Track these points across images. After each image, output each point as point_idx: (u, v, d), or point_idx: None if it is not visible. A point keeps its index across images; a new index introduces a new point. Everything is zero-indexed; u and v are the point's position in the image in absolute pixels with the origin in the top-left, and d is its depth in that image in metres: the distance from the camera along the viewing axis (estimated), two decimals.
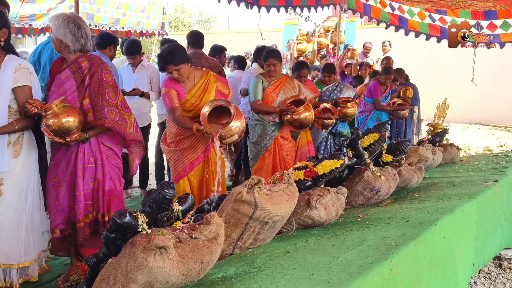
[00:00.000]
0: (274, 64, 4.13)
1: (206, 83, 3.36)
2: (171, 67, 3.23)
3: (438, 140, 5.16)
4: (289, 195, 2.40)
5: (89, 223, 2.79)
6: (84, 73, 2.68)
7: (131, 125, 2.85)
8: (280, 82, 4.23)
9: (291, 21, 14.30)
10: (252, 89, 4.19)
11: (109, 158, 2.83)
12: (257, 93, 4.17)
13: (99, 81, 2.69)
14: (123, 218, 1.75)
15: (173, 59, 3.22)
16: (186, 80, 3.33)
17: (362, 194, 3.17)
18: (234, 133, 3.12)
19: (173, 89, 3.31)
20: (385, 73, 5.96)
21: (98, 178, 2.79)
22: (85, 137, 2.68)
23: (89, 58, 2.73)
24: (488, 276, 3.35)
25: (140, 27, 9.61)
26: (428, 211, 2.61)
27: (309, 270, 1.84)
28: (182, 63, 3.24)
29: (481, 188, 3.19)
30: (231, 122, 3.09)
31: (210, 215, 1.90)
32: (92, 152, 2.76)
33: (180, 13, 26.05)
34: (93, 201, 2.80)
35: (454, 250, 2.57)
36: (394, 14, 6.25)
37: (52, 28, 2.68)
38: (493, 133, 11.04)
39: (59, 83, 2.70)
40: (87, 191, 2.76)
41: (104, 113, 2.67)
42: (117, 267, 1.71)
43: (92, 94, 2.68)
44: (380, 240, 2.14)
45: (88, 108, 2.69)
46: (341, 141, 3.44)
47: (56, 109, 2.53)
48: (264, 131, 4.21)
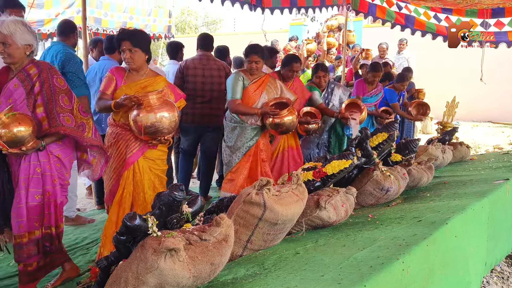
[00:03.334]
0: (256, 61, 3.73)
1: (150, 83, 3.00)
2: (127, 44, 2.88)
3: (448, 138, 5.14)
4: (298, 196, 2.39)
5: (35, 240, 2.58)
6: (33, 80, 2.52)
7: (89, 130, 2.69)
8: (262, 81, 3.82)
9: (297, 21, 14.32)
10: (231, 86, 3.74)
11: (57, 171, 2.64)
12: (236, 91, 3.72)
13: (51, 88, 2.54)
14: (133, 220, 1.75)
15: (133, 37, 2.91)
16: (135, 72, 3.00)
17: (371, 194, 3.15)
18: (153, 115, 2.77)
19: (115, 76, 2.98)
20: (372, 71, 5.38)
21: (48, 191, 2.59)
22: (42, 145, 2.52)
23: (37, 65, 2.58)
24: (501, 276, 3.31)
25: (147, 30, 9.65)
26: (439, 211, 2.59)
27: (320, 271, 1.83)
28: (140, 48, 2.92)
29: (492, 187, 3.16)
30: (153, 96, 2.78)
31: (220, 216, 1.90)
32: (40, 162, 2.56)
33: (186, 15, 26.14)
34: (42, 216, 2.59)
35: (465, 249, 2.54)
36: (400, 13, 6.23)
37: (15, 35, 2.45)
38: (503, 131, 10.92)
39: (7, 93, 2.54)
40: (32, 204, 2.54)
41: (59, 120, 2.52)
42: (128, 270, 1.71)
43: (46, 101, 2.52)
44: (391, 240, 2.13)
45: (42, 116, 2.53)
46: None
47: (5, 118, 2.38)
48: (243, 135, 3.79)
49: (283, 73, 4.26)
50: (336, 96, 4.81)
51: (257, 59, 3.72)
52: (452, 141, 5.19)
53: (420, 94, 6.68)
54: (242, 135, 3.79)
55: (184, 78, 4.48)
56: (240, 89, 3.72)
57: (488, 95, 11.92)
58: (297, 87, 4.33)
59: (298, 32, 13.28)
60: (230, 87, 3.77)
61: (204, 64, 4.46)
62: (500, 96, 12.22)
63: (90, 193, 5.07)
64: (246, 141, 3.78)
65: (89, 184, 5.07)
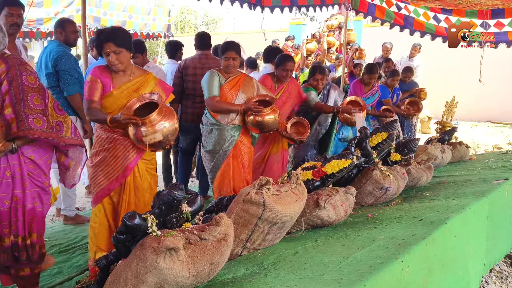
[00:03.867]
0: (233, 57, 3.52)
1: (141, 83, 2.86)
2: (111, 46, 2.69)
3: (447, 138, 5.14)
4: (298, 195, 2.39)
5: (6, 248, 2.40)
6: (1, 78, 2.30)
7: (68, 129, 2.48)
8: (238, 79, 3.62)
9: (297, 21, 14.31)
10: (207, 84, 3.54)
11: (31, 173, 2.41)
12: (213, 88, 3.51)
13: (19, 86, 2.31)
14: (133, 220, 1.75)
15: (115, 37, 2.72)
16: (122, 72, 2.82)
17: (371, 193, 3.15)
18: (156, 131, 2.65)
19: (99, 79, 2.78)
20: (368, 73, 5.33)
21: (17, 195, 2.37)
22: (13, 147, 2.31)
23: (6, 60, 2.33)
24: (500, 275, 3.31)
25: (146, 29, 9.66)
26: (438, 210, 2.60)
27: (319, 270, 1.83)
28: (125, 48, 2.75)
29: (492, 186, 3.17)
30: (154, 115, 2.63)
31: (219, 216, 1.90)
32: (9, 165, 2.35)
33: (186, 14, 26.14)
34: (10, 222, 2.40)
35: (465, 249, 2.55)
36: (399, 13, 6.23)
37: None
38: (502, 130, 10.93)
39: None
40: (1, 210, 2.36)
41: (28, 123, 2.28)
42: (127, 269, 1.71)
43: (14, 101, 2.29)
44: (391, 239, 2.13)
45: (11, 118, 2.29)
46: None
47: None
48: (221, 136, 3.57)
49: (277, 74, 4.07)
50: (332, 98, 4.70)
51: (234, 55, 3.52)
52: (451, 140, 5.19)
53: (421, 94, 6.67)
54: (220, 137, 3.58)
55: (183, 77, 4.48)
56: (217, 85, 3.53)
57: (487, 95, 11.93)
58: (292, 88, 4.17)
59: (297, 31, 13.27)
60: (206, 85, 3.55)
61: (204, 63, 4.46)
62: (499, 96, 12.23)
63: (89, 192, 5.06)
64: (224, 143, 3.58)
65: (88, 183, 5.06)
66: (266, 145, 4.17)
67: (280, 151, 4.17)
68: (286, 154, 4.28)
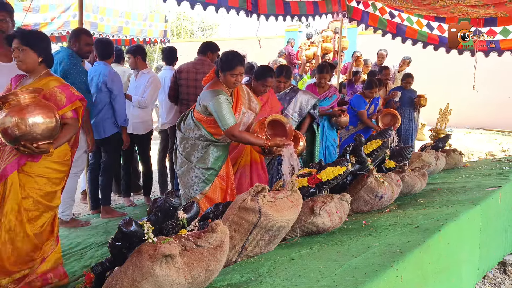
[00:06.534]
0: (242, 73, 3.19)
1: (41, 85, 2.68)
2: (16, 42, 2.65)
3: (441, 145, 5.18)
4: (293, 202, 2.40)
5: None
6: None
7: None
8: (236, 92, 3.34)
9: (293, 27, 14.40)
10: (221, 112, 3.05)
11: None
12: (230, 116, 3.08)
13: None
14: (129, 226, 1.76)
15: (23, 36, 2.66)
16: (28, 75, 2.76)
17: (365, 200, 3.17)
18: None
19: (11, 83, 2.80)
20: (318, 72, 5.05)
21: None
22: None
23: None
24: (493, 282, 3.33)
25: (143, 35, 9.68)
26: (432, 217, 2.62)
27: (314, 277, 1.84)
28: (30, 48, 2.65)
29: (485, 194, 3.19)
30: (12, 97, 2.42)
31: (215, 223, 1.91)
32: None
33: (182, 20, 26.22)
34: None
35: (458, 256, 2.56)
36: (392, 21, 6.34)
37: None
38: (496, 138, 11.03)
39: None
40: None
41: None
42: (123, 276, 1.71)
43: None
44: (385, 247, 2.14)
45: None
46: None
47: None
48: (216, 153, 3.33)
49: (254, 86, 3.68)
50: (298, 103, 4.37)
51: (242, 70, 3.18)
52: (445, 148, 5.24)
53: (421, 100, 6.73)
54: (216, 153, 3.32)
55: (177, 82, 4.53)
56: (231, 111, 3.13)
57: (481, 103, 12.04)
58: (272, 100, 3.96)
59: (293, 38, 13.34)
60: (220, 113, 3.05)
61: (198, 68, 4.50)
62: (492, 103, 12.35)
63: (84, 197, 5.05)
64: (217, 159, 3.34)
65: (84, 189, 5.05)
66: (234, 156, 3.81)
67: (248, 164, 3.80)
68: (257, 166, 3.86)
